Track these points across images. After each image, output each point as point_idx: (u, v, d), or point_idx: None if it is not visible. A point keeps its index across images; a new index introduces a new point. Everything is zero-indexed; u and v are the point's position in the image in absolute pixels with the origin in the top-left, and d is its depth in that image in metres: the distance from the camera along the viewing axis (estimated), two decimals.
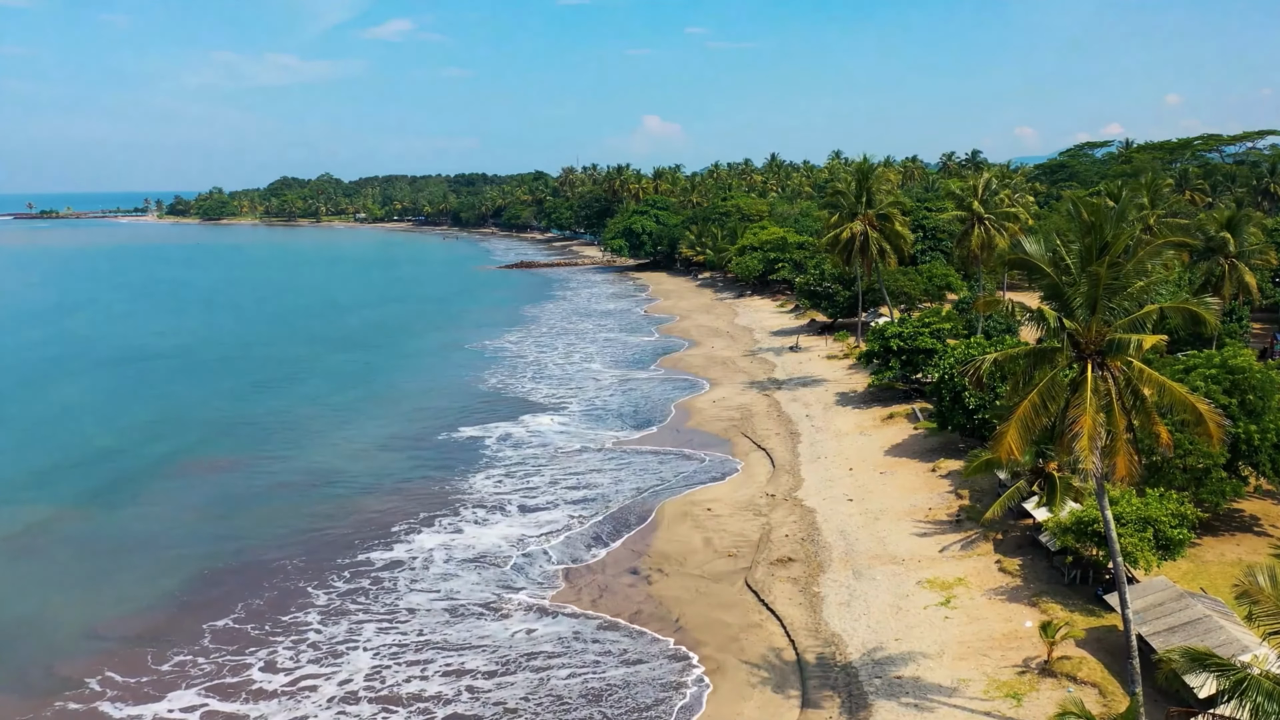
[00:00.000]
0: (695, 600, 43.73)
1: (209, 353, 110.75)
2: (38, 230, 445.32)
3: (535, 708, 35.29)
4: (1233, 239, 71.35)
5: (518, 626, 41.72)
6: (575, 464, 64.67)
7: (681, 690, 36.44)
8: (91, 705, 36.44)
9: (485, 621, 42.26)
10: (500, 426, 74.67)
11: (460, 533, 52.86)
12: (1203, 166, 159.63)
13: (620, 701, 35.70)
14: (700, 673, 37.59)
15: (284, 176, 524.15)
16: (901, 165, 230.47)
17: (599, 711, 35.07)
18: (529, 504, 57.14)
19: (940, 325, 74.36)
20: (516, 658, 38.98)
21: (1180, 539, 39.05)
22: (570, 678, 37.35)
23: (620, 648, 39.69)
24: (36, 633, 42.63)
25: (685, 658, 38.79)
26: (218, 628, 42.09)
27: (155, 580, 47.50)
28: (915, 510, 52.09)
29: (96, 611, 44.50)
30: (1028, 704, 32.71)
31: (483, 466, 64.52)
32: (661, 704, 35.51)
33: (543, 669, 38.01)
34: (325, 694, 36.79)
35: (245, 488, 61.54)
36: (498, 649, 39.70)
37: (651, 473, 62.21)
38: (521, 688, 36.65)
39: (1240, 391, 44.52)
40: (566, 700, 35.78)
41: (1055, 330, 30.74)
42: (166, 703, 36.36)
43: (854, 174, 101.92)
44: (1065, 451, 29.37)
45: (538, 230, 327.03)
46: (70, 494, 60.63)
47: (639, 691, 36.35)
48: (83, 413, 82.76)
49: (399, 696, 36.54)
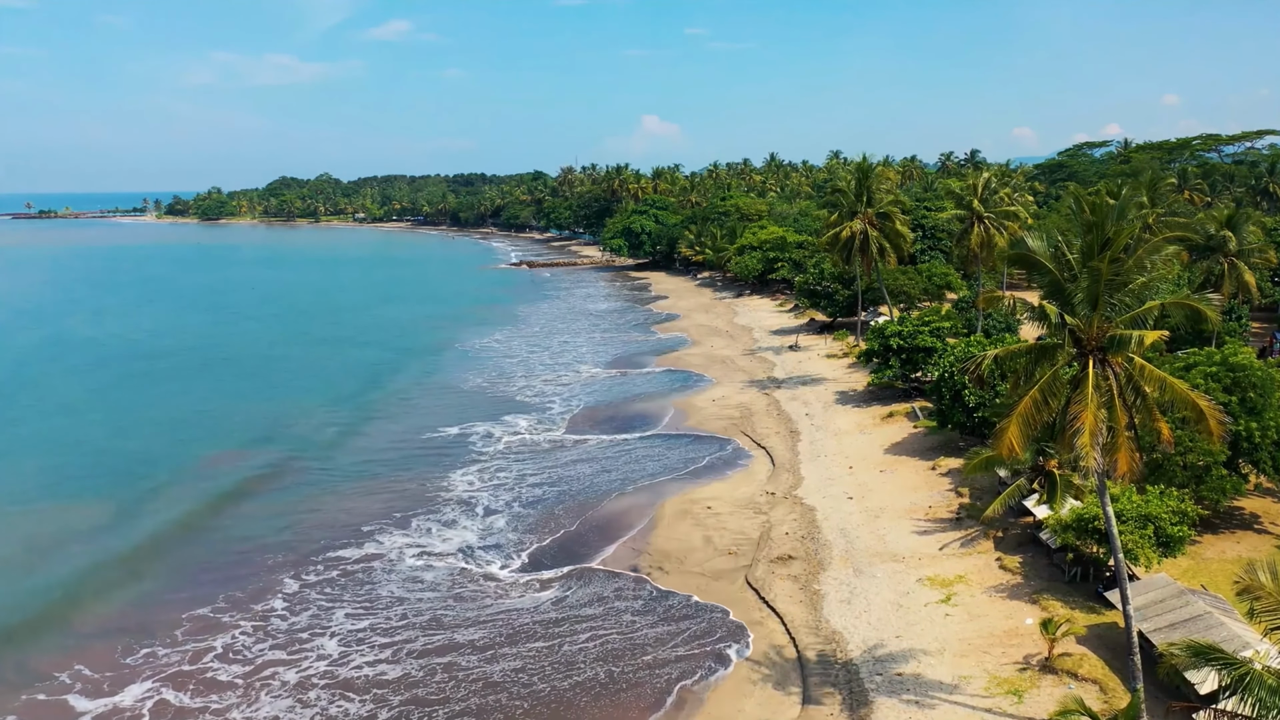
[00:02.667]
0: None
1: (200, 352, 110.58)
2: (36, 230, 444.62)
3: (538, 698, 35.35)
4: (1233, 237, 71.36)
5: (516, 626, 41.72)
6: (576, 463, 64.64)
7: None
8: (59, 697, 36.93)
9: (479, 618, 42.28)
10: (500, 425, 74.65)
11: (462, 533, 52.93)
12: (1201, 166, 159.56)
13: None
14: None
15: (283, 176, 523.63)
16: (900, 165, 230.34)
17: (601, 709, 35.10)
18: (530, 504, 57.17)
19: (940, 324, 74.37)
20: (517, 656, 38.99)
21: (1181, 536, 39.08)
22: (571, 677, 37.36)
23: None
24: (15, 627, 42.96)
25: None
26: (196, 616, 42.95)
27: (138, 573, 48.27)
28: (915, 508, 52.09)
29: (78, 605, 44.96)
30: (1029, 701, 32.71)
31: (482, 467, 64.53)
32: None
33: (545, 666, 38.04)
34: (287, 679, 37.50)
35: (231, 484, 61.65)
36: (492, 648, 39.71)
37: (653, 470, 62.18)
38: (521, 681, 36.73)
39: (1241, 389, 44.55)
40: (567, 697, 35.80)
41: (1057, 326, 30.73)
42: (127, 693, 36.89)
43: (854, 173, 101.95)
44: (1066, 448, 29.37)
45: (537, 230, 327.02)
46: (66, 491, 60.64)
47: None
48: (80, 412, 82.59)
49: (355, 682, 37.10)
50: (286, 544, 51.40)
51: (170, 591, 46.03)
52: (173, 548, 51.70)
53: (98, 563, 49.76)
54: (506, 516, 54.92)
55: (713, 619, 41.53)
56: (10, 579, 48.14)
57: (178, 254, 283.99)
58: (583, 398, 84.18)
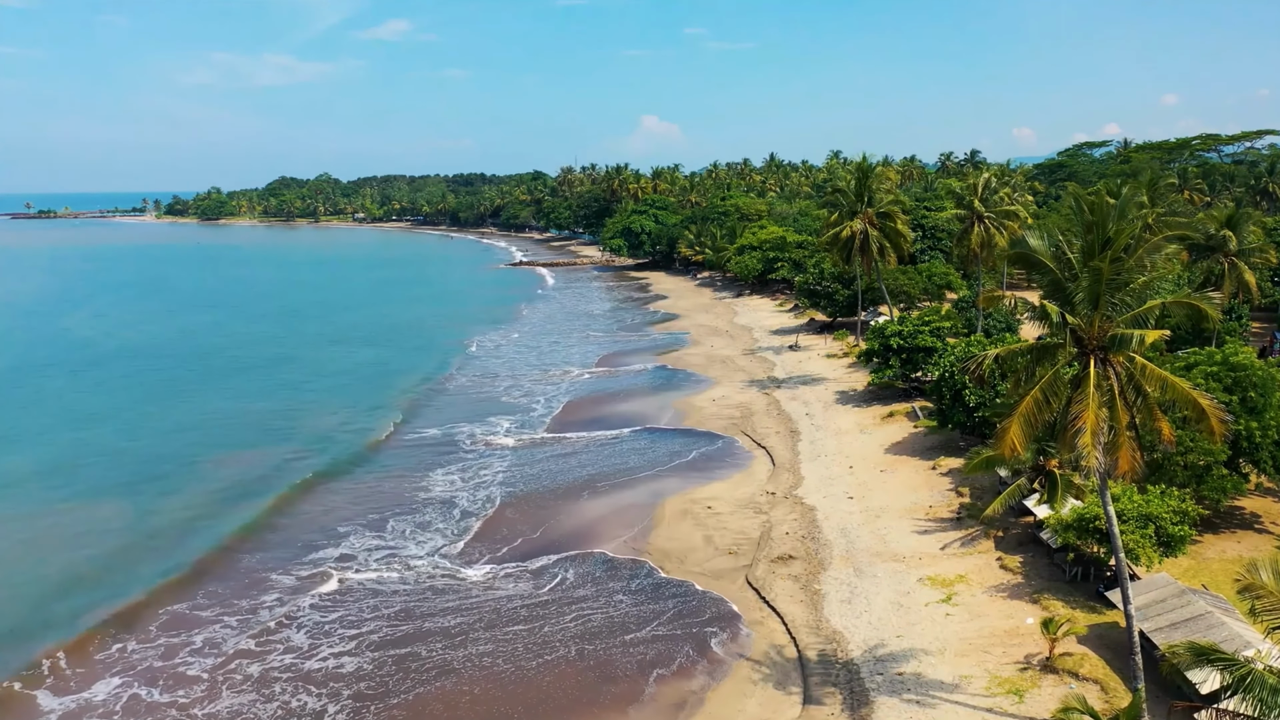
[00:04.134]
0: None
1: (200, 352, 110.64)
2: (35, 230, 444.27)
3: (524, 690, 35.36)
4: (1233, 237, 71.31)
5: (506, 627, 41.70)
6: (576, 462, 64.61)
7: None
8: (31, 692, 37.22)
9: (470, 612, 42.28)
10: (499, 422, 74.60)
11: (458, 531, 52.92)
12: (1201, 166, 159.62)
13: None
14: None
15: (282, 176, 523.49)
16: (900, 165, 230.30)
17: (599, 709, 35.06)
18: (530, 501, 57.13)
19: (940, 324, 74.34)
20: (514, 653, 39.00)
21: (1182, 535, 39.05)
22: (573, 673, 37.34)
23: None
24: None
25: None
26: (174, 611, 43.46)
27: (120, 570, 48.57)
28: (916, 508, 52.06)
29: (60, 602, 45.03)
30: (1030, 700, 32.68)
31: (485, 465, 64.48)
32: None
33: (544, 666, 38.02)
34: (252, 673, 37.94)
35: (222, 485, 61.59)
36: (487, 651, 39.70)
37: (652, 470, 62.11)
38: (522, 679, 36.72)
39: (1241, 389, 44.54)
40: (567, 695, 35.78)
41: (1058, 326, 30.70)
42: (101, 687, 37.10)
43: (854, 172, 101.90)
44: (1068, 448, 29.34)
45: (536, 230, 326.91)
46: (64, 490, 60.56)
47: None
48: (76, 411, 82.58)
49: (316, 676, 37.43)
50: (268, 542, 51.61)
51: (148, 589, 46.10)
52: (157, 547, 51.64)
53: (74, 560, 49.90)
54: (505, 515, 54.85)
55: (713, 617, 41.48)
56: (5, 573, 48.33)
57: (177, 254, 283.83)
58: (582, 396, 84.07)
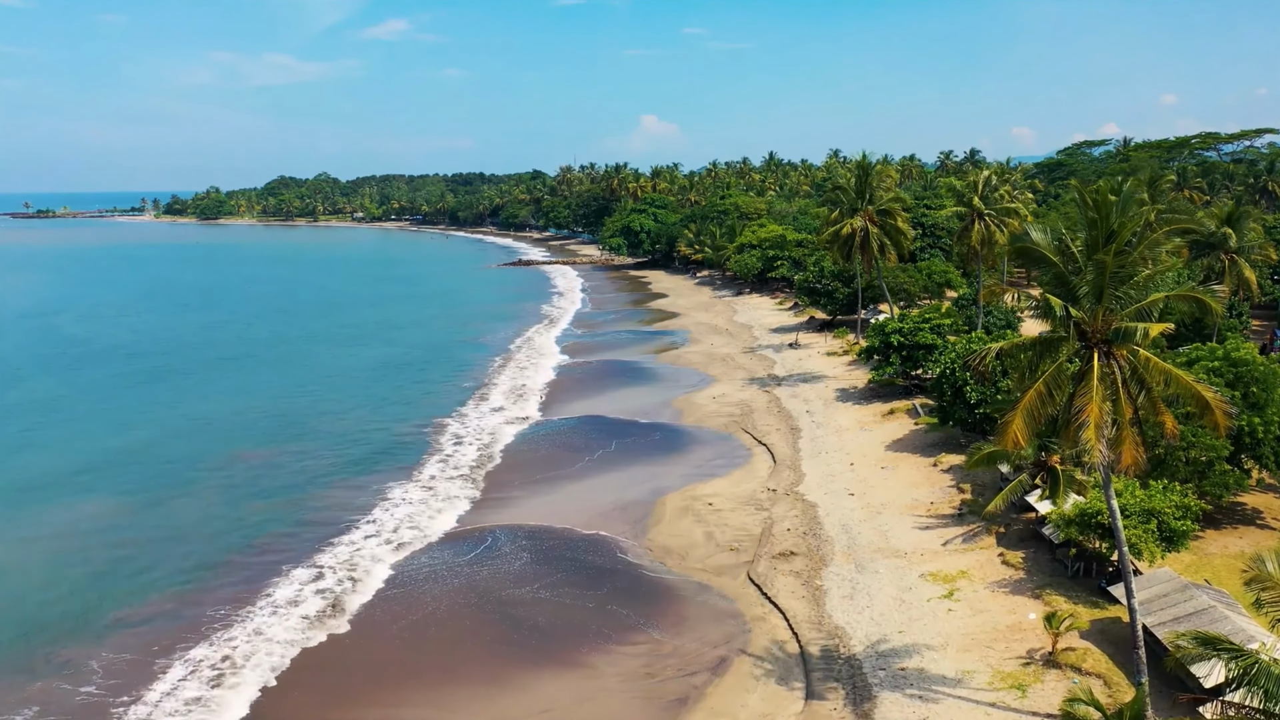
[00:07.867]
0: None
1: (198, 351, 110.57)
2: (35, 230, 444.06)
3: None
4: (1233, 234, 71.29)
5: (500, 621, 41.65)
6: (575, 461, 64.52)
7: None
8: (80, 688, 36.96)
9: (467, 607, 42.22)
10: (497, 423, 74.56)
11: (456, 532, 52.81)
12: (1200, 165, 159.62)
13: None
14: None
15: (281, 176, 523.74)
16: (899, 164, 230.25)
17: (599, 708, 35.00)
18: (528, 500, 57.05)
19: (940, 321, 74.29)
20: (508, 654, 38.90)
21: (1184, 530, 38.99)
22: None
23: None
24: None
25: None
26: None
27: (135, 569, 48.29)
28: (917, 504, 52.01)
29: (105, 599, 44.76)
30: (1033, 695, 32.63)
31: (486, 465, 64.42)
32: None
33: (542, 664, 37.91)
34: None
35: (221, 482, 61.50)
36: (477, 647, 39.63)
37: (652, 467, 62.00)
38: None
39: (1243, 384, 44.54)
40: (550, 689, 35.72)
41: (1061, 320, 30.62)
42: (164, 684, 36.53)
43: (854, 170, 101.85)
44: (1071, 442, 29.29)
45: (535, 229, 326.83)
46: (64, 491, 60.51)
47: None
48: (74, 411, 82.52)
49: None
50: (263, 542, 51.41)
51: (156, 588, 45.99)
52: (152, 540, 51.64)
53: (97, 559, 49.66)
54: (502, 516, 54.82)
55: (714, 613, 41.42)
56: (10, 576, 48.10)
57: (176, 253, 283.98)
58: (581, 394, 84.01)
